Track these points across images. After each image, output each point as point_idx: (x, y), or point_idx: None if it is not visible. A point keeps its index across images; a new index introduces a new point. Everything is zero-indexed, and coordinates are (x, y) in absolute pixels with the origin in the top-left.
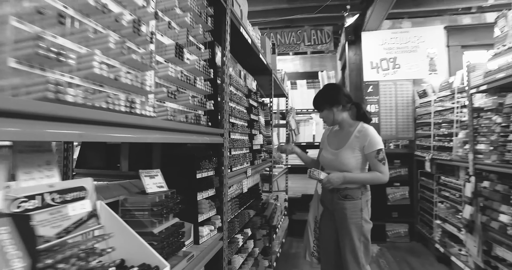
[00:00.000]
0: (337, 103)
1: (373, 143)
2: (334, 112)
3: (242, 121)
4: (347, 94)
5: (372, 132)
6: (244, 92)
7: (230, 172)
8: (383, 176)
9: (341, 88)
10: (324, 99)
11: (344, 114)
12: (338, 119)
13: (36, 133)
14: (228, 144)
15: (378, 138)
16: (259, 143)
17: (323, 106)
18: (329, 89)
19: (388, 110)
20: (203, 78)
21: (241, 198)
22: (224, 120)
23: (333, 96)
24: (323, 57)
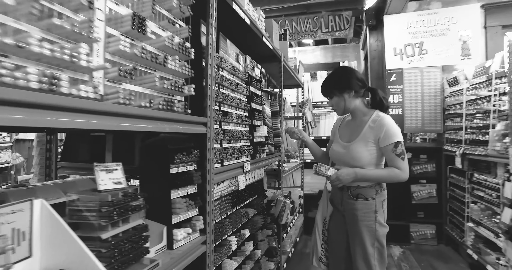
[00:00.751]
0: (349, 89)
1: (390, 134)
2: (345, 99)
3: (240, 110)
4: (361, 79)
5: (389, 122)
6: (243, 78)
7: (220, 167)
8: (401, 173)
9: (353, 71)
10: (333, 84)
11: (357, 101)
12: (350, 107)
13: None
14: (214, 134)
15: (395, 128)
16: (263, 135)
17: (332, 92)
18: (339, 72)
19: (413, 100)
20: (178, 58)
21: (235, 196)
22: (209, 108)
23: (344, 81)
24: (345, 47)
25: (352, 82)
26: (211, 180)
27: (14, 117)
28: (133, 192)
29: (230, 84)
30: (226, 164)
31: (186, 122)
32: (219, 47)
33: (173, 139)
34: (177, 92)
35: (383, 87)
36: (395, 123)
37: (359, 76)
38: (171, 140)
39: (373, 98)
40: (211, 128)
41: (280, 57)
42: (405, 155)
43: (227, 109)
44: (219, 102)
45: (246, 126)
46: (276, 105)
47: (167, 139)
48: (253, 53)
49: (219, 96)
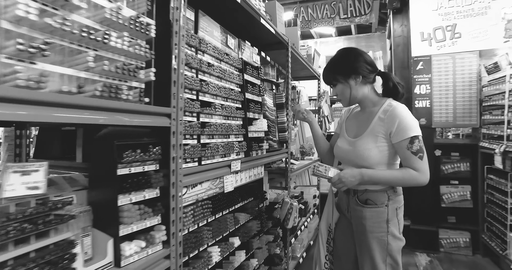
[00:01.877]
0: (355, 73)
1: (404, 127)
2: (351, 86)
3: (229, 101)
4: (370, 62)
5: (403, 112)
6: (235, 65)
7: (197, 166)
8: (418, 176)
9: (360, 53)
10: (337, 69)
11: (366, 89)
12: (357, 95)
13: None
14: (188, 128)
15: (411, 120)
16: (260, 129)
17: (335, 78)
18: (344, 54)
19: (444, 91)
20: (130, 36)
21: (219, 200)
22: (174, 96)
23: (349, 64)
24: (370, 37)
25: (359, 66)
26: (177, 182)
27: None
28: (57, 200)
29: (214, 70)
30: (207, 162)
31: (137, 113)
32: (198, 27)
33: (127, 133)
34: (127, 76)
35: (408, 77)
36: (410, 114)
37: (367, 59)
38: (124, 134)
39: (386, 85)
40: (178, 120)
41: (287, 43)
42: (424, 153)
43: (209, 99)
44: (197, 91)
45: (239, 119)
46: (282, 97)
47: (120, 132)
48: (255, 40)
49: (195, 83)
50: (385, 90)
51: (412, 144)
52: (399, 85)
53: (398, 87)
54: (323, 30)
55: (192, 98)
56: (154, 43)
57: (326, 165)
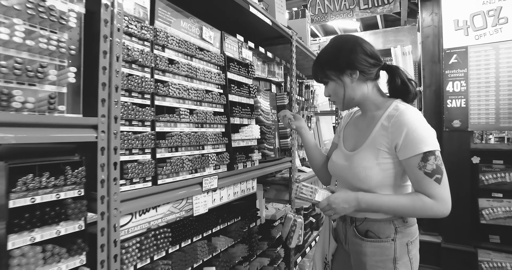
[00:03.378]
0: (351, 68)
1: (414, 139)
2: (346, 84)
3: (204, 105)
4: (371, 52)
5: (412, 119)
6: (214, 61)
7: (151, 187)
8: (434, 205)
9: (357, 42)
10: (328, 62)
11: (365, 88)
12: (354, 96)
13: None
14: (123, 141)
15: (424, 130)
16: (250, 137)
17: (325, 74)
18: (336, 44)
19: (483, 87)
20: (26, 24)
21: (183, 226)
22: (102, 103)
23: (342, 56)
24: (398, 31)
25: (356, 58)
26: (111, 211)
27: None
28: None
29: (180, 68)
30: (166, 181)
31: (39, 126)
32: (154, 16)
33: (33, 150)
34: (26, 78)
35: (438, 73)
36: (424, 121)
37: (367, 49)
38: (27, 152)
39: (392, 81)
40: (111, 132)
41: (291, 36)
42: (443, 175)
43: (171, 103)
44: (151, 94)
45: (219, 126)
46: (284, 98)
47: (20, 150)
48: (254, 35)
49: (147, 85)
50: (391, 88)
51: (426, 162)
52: (410, 82)
53: (408, 85)
54: (347, 25)
55: (144, 103)
56: (84, 36)
57: (312, 186)
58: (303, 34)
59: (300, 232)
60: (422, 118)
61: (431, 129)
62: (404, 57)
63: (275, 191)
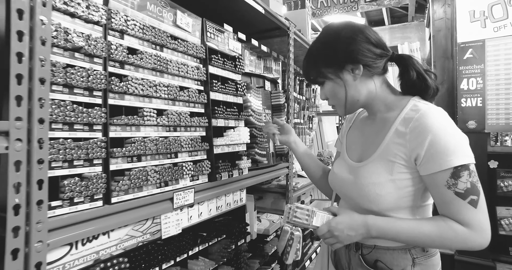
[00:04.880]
0: (352, 62)
1: (442, 149)
2: (348, 82)
3: (178, 105)
4: (376, 40)
5: (438, 123)
6: (191, 53)
7: (101, 208)
8: (470, 235)
9: (358, 29)
10: (322, 58)
11: (372, 85)
12: (358, 97)
13: None
14: (54, 151)
15: (454, 136)
16: (237, 142)
17: (320, 73)
18: (331, 33)
19: (503, 85)
20: None
21: (147, 253)
22: (21, 101)
23: (340, 46)
24: (406, 27)
25: (358, 48)
26: (30, 247)
27: None
28: None
29: (144, 59)
30: (124, 199)
31: None
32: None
33: None
34: None
35: (451, 69)
36: (453, 124)
37: (371, 36)
38: None
39: (405, 75)
40: (34, 140)
41: (288, 28)
42: (480, 196)
43: (133, 103)
44: (103, 91)
45: (199, 130)
46: (280, 96)
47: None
48: (248, 27)
49: (97, 79)
50: (405, 84)
51: (457, 179)
52: (429, 74)
53: (426, 78)
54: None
55: (92, 102)
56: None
57: (309, 208)
58: (302, 26)
59: (298, 247)
60: (450, 121)
61: (463, 135)
62: (412, 54)
63: (272, 199)
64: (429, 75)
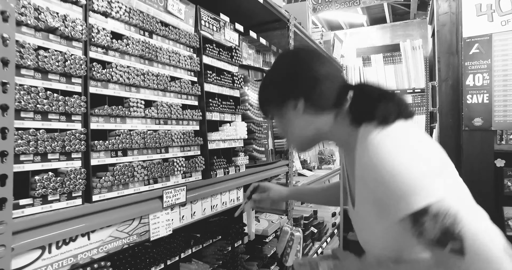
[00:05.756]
0: (293, 96)
1: (389, 195)
2: (290, 119)
3: (169, 96)
4: (325, 72)
5: (382, 158)
6: (183, 41)
7: (80, 206)
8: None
9: (301, 58)
10: (264, 90)
11: (323, 120)
12: (306, 133)
13: None
14: (23, 143)
15: (406, 172)
16: (233, 137)
17: (265, 106)
18: (276, 62)
19: (511, 80)
20: None
21: (134, 256)
22: None
23: (279, 80)
24: (407, 25)
25: (297, 83)
26: None
27: None
28: None
29: (130, 45)
30: (107, 197)
31: None
32: None
33: None
34: None
35: (456, 65)
36: (407, 155)
37: (315, 67)
38: None
39: (360, 105)
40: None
41: (288, 20)
42: (466, 240)
43: (118, 92)
44: (85, 78)
45: (192, 123)
46: None
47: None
48: (248, 19)
49: (73, 65)
50: (356, 110)
51: (421, 226)
52: (384, 98)
53: (379, 104)
54: (353, 19)
55: (70, 90)
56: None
57: (311, 260)
58: (303, 20)
59: (298, 248)
60: (405, 149)
61: (425, 162)
62: (414, 52)
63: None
64: (385, 98)
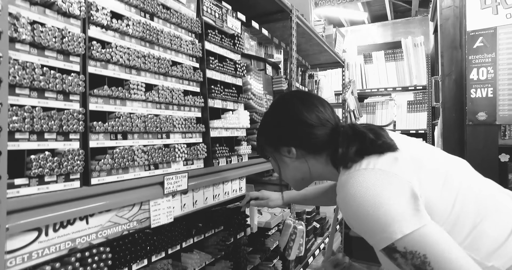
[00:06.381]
0: (284, 144)
1: (364, 231)
2: (284, 162)
3: (171, 80)
4: (315, 118)
5: (350, 201)
6: (185, 26)
7: (79, 189)
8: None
9: (289, 107)
10: (261, 134)
11: (314, 162)
12: (301, 175)
13: None
14: (17, 119)
15: (369, 212)
16: (236, 125)
17: (262, 149)
18: (270, 109)
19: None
20: None
21: (135, 243)
22: None
23: (271, 128)
24: (409, 22)
25: (288, 132)
26: None
27: None
28: None
29: (130, 26)
30: (106, 181)
31: None
32: None
33: None
34: None
35: (460, 59)
36: (372, 191)
37: (304, 114)
38: None
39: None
40: None
41: (290, 10)
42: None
43: (118, 73)
44: (83, 56)
45: (193, 110)
46: (281, 82)
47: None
48: (250, 9)
49: (71, 42)
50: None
51: (395, 261)
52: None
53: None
54: (354, 16)
55: (69, 69)
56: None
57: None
58: (305, 12)
59: (301, 241)
60: (367, 189)
61: (388, 200)
62: (416, 49)
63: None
64: (374, 139)
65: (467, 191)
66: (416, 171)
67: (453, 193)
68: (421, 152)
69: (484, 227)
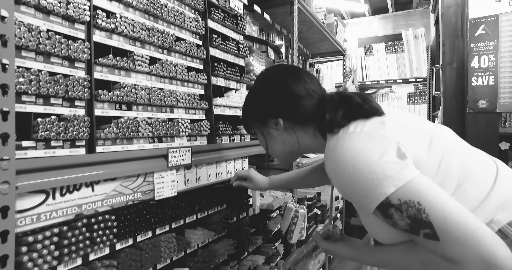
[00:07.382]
0: (272, 116)
1: (351, 189)
2: (271, 136)
3: (174, 55)
4: (304, 89)
5: (338, 161)
6: (190, 3)
7: (84, 155)
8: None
9: (279, 77)
10: (246, 108)
11: (302, 134)
12: (289, 149)
13: None
14: (24, 81)
15: (360, 170)
16: (239, 104)
17: (248, 124)
18: (257, 81)
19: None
20: None
21: (140, 214)
22: None
23: (259, 99)
24: (410, 14)
25: (276, 102)
26: None
27: None
28: None
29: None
30: (111, 150)
31: None
32: None
33: None
34: None
35: (461, 48)
36: (362, 150)
37: (292, 85)
38: None
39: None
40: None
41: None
42: (436, 225)
43: (122, 44)
44: (88, 24)
45: (197, 86)
46: None
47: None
48: None
49: (75, 9)
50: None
51: (391, 218)
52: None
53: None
54: (354, 8)
55: (73, 35)
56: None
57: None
58: (308, 2)
59: (302, 225)
60: (358, 148)
61: (381, 156)
62: (416, 41)
63: None
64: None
65: (451, 152)
66: (403, 133)
67: (439, 152)
68: (407, 118)
69: (467, 186)
